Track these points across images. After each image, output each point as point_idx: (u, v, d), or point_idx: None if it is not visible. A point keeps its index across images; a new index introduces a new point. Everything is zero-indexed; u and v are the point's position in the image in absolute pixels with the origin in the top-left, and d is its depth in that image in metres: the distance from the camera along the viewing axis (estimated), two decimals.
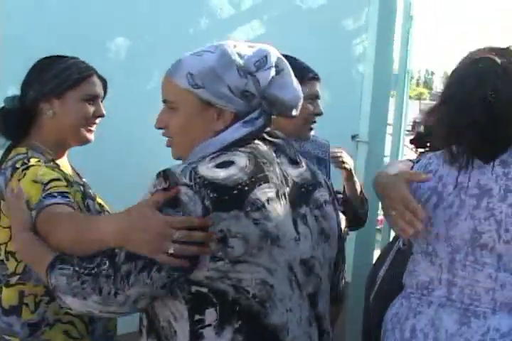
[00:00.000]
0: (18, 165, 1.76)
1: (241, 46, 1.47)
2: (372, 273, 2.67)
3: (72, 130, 1.87)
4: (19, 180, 1.70)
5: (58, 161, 1.88)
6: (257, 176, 1.36)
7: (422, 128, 2.73)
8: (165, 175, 1.32)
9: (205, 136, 1.43)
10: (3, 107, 1.85)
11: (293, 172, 1.46)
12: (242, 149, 1.39)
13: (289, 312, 1.38)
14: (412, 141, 2.78)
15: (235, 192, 1.31)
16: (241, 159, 1.37)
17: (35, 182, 1.68)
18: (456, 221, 1.61)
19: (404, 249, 2.30)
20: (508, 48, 1.66)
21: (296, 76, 1.85)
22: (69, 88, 1.82)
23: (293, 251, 1.38)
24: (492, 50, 1.65)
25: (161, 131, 1.50)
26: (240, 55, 1.43)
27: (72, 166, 2.00)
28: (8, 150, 1.85)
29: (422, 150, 2.69)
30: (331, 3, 3.73)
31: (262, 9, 3.30)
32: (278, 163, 1.43)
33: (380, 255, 2.78)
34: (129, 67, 2.81)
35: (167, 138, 1.50)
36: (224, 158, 1.37)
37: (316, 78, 2.18)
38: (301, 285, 1.41)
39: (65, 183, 1.73)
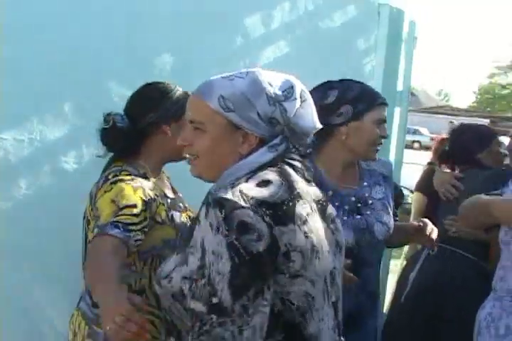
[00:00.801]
0: (110, 177, 2.00)
1: (269, 74, 1.56)
2: (402, 277, 3.01)
3: None
4: (105, 192, 1.94)
5: (154, 177, 2.12)
6: (294, 193, 1.44)
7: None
8: (220, 203, 1.36)
9: (231, 158, 1.50)
10: (114, 124, 2.07)
11: (310, 190, 1.55)
12: (271, 169, 1.48)
13: (321, 321, 1.46)
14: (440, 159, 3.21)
15: (285, 208, 1.39)
16: (276, 178, 1.45)
17: (113, 202, 1.90)
18: None
19: (433, 253, 2.62)
20: None
21: (366, 100, 2.12)
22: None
23: (327, 262, 1.49)
24: None
25: None
26: (270, 83, 1.52)
27: (169, 181, 2.24)
28: (110, 162, 2.09)
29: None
30: (345, 24, 4.01)
31: (286, 30, 3.56)
32: (300, 182, 1.52)
33: (408, 262, 3.13)
34: None
35: (188, 155, 1.58)
36: (259, 178, 1.45)
37: (384, 103, 2.25)
38: (330, 295, 1.51)
39: (137, 210, 1.91)
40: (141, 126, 2.10)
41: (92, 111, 2.41)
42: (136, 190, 1.97)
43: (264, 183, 1.42)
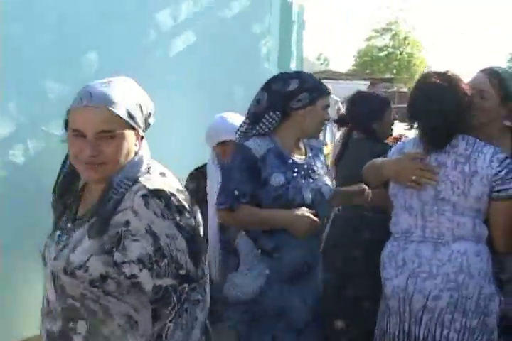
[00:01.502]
0: None
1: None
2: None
3: None
4: None
5: None
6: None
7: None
8: (157, 194, 1.65)
9: (130, 157, 1.72)
10: None
11: None
12: (153, 161, 1.81)
13: None
14: (336, 121, 3.73)
15: (186, 192, 1.78)
16: (164, 169, 1.80)
17: None
18: (424, 184, 2.45)
19: (339, 213, 3.19)
20: (447, 72, 2.49)
21: (318, 90, 2.60)
22: None
23: None
24: (435, 73, 2.50)
25: None
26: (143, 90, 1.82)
27: None
28: None
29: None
30: (241, 13, 4.49)
31: (191, 22, 3.99)
32: None
33: None
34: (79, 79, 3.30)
35: (91, 164, 1.67)
36: (156, 170, 1.76)
37: (329, 93, 2.69)
38: None
39: None
40: None
41: (33, 107, 2.81)
42: None
43: (163, 174, 1.76)
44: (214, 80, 4.13)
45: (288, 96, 2.54)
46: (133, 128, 1.71)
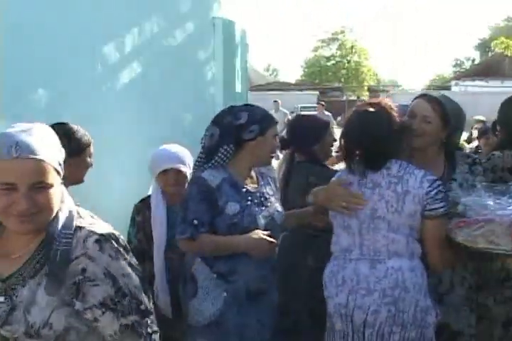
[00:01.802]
0: None
1: None
2: None
3: None
4: None
5: None
6: None
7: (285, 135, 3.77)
8: (108, 238, 1.70)
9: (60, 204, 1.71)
10: None
11: None
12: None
13: None
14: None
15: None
16: (88, 213, 1.81)
17: None
18: (353, 209, 2.61)
19: (285, 234, 3.36)
20: (380, 102, 2.68)
21: (267, 120, 2.78)
22: None
23: None
24: (369, 103, 2.68)
25: None
26: None
27: None
28: None
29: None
30: (186, 40, 4.67)
31: (137, 53, 4.13)
32: None
33: None
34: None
35: (26, 217, 1.61)
36: (85, 214, 1.78)
37: (277, 122, 2.84)
38: None
39: None
40: None
41: None
42: None
43: (92, 216, 1.79)
44: (162, 109, 4.28)
45: (239, 129, 2.69)
46: (59, 175, 1.70)
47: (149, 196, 3.23)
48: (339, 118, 25.82)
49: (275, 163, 4.12)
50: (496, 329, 3.04)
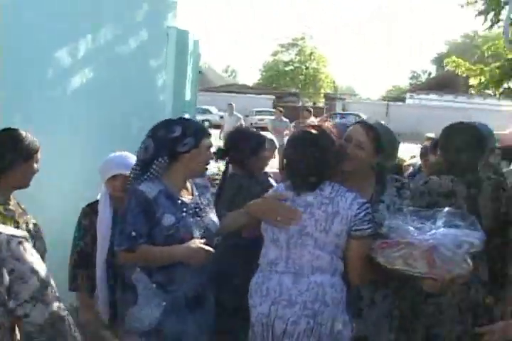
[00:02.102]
0: None
1: None
2: None
3: None
4: None
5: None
6: None
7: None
8: (26, 238, 1.89)
9: None
10: None
11: None
12: None
13: None
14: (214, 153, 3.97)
15: None
16: None
17: None
18: (287, 223, 2.77)
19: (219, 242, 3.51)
20: (321, 125, 2.88)
21: (201, 133, 2.86)
22: None
23: None
24: (312, 126, 2.87)
25: None
26: None
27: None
28: None
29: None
30: (140, 47, 4.82)
31: (90, 59, 4.27)
32: None
33: None
34: None
35: None
36: None
37: (210, 134, 2.95)
38: None
39: None
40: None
41: None
42: None
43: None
44: (112, 115, 4.42)
45: (174, 142, 2.80)
46: None
47: (97, 201, 3.35)
48: (293, 124, 26.06)
49: None
50: None
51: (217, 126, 19.80)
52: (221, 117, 23.53)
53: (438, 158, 3.72)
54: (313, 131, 2.81)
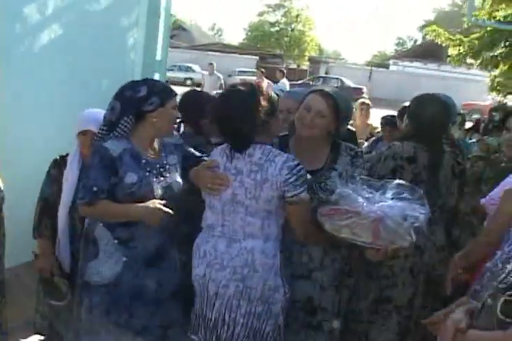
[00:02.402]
0: None
1: None
2: None
3: None
4: None
5: None
6: None
7: None
8: None
9: None
10: None
11: None
12: None
13: None
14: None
15: None
16: None
17: None
18: (224, 187, 2.86)
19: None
20: (253, 84, 2.89)
21: (167, 92, 2.91)
22: None
23: None
24: (243, 83, 2.86)
25: None
26: None
27: None
28: None
29: None
30: (110, 5, 4.87)
31: (59, 16, 4.34)
32: None
33: None
34: None
35: None
36: None
37: (176, 94, 3.01)
38: None
39: None
40: None
41: None
42: None
43: None
44: (82, 72, 4.49)
45: (140, 101, 2.88)
46: None
47: (68, 154, 3.40)
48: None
49: None
50: (365, 306, 3.44)
51: (199, 85, 19.71)
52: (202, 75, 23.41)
53: (405, 126, 3.80)
54: (242, 88, 2.81)
